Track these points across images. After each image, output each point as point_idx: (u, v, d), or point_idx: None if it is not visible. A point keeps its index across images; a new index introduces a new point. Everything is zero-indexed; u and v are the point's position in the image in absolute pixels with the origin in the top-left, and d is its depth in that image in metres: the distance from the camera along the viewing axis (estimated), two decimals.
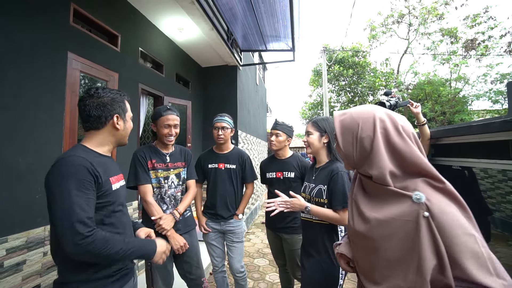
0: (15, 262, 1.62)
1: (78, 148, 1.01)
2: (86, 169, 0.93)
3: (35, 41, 1.81)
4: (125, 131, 1.13)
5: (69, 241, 0.84)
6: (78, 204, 0.87)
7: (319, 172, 1.54)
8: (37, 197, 1.77)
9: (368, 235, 0.75)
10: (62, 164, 0.92)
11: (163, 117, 1.68)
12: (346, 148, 0.79)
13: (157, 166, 1.72)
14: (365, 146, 0.75)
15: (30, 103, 1.77)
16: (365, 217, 0.77)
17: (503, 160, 1.41)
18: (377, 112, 0.77)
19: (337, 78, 16.82)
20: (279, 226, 1.98)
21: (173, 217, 1.67)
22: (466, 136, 1.73)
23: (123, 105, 1.11)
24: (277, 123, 2.04)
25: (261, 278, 3.01)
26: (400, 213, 0.69)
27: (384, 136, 0.73)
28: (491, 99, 11.98)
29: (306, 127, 1.61)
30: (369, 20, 16.90)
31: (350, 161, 0.81)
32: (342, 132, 0.80)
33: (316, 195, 1.46)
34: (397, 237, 0.69)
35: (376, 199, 0.77)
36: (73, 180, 0.89)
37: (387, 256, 0.71)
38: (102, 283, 0.97)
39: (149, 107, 4.52)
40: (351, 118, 0.79)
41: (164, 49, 3.61)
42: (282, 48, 4.72)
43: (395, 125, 0.74)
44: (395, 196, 0.71)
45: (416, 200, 0.66)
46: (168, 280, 1.73)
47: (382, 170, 0.71)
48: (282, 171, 2.02)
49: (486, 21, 12.89)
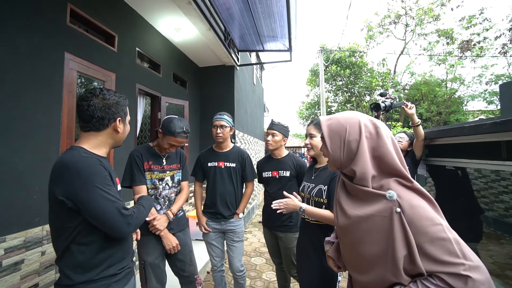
0: (14, 261, 1.63)
1: (80, 150, 0.99)
2: (102, 167, 0.99)
3: (32, 42, 1.81)
4: (124, 134, 1.14)
5: (123, 225, 0.97)
6: (112, 195, 0.97)
7: (319, 172, 1.55)
8: (35, 197, 1.78)
9: (350, 230, 0.83)
10: (81, 168, 0.93)
11: (173, 138, 1.67)
12: (334, 150, 0.85)
13: (153, 167, 1.73)
14: (352, 148, 0.82)
15: (28, 103, 1.77)
16: (347, 214, 0.84)
17: (495, 161, 1.44)
18: (361, 117, 0.85)
19: (334, 78, 16.89)
20: (275, 225, 2.01)
21: (167, 218, 1.70)
22: (459, 137, 1.77)
23: (125, 109, 1.13)
24: (273, 123, 2.06)
25: (258, 276, 3.03)
26: (377, 210, 0.77)
27: (368, 139, 0.81)
28: (486, 100, 12.13)
29: (308, 129, 1.60)
30: (366, 21, 17.01)
31: (336, 162, 0.87)
32: (330, 136, 0.86)
33: (316, 194, 1.48)
34: (375, 231, 0.77)
35: (356, 198, 0.85)
36: (99, 178, 0.95)
37: (368, 248, 0.78)
38: (106, 283, 0.99)
39: (146, 107, 4.52)
40: (338, 123, 0.86)
41: (161, 49, 3.62)
42: (279, 48, 4.74)
43: (376, 130, 0.82)
44: (372, 196, 0.79)
45: (389, 198, 0.75)
46: (162, 278, 1.75)
47: (365, 170, 0.79)
48: (278, 170, 2.05)
49: (482, 22, 13.05)
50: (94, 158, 0.99)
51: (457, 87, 13.54)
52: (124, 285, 1.06)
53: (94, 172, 0.94)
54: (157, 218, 1.66)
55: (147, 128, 4.97)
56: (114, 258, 1.02)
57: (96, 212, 0.93)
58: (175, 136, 1.66)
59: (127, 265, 1.10)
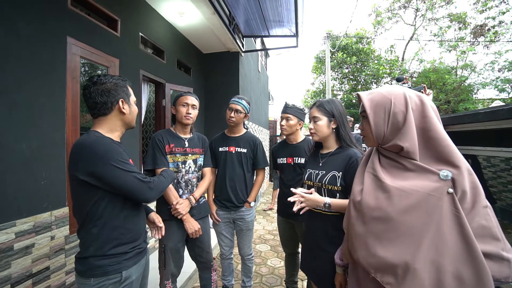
0: (25, 245, 1.67)
1: (94, 133, 1.06)
2: (117, 146, 1.06)
3: (33, 25, 1.76)
4: (131, 115, 1.18)
5: (145, 190, 1.07)
6: (129, 167, 1.04)
7: (328, 158, 1.42)
8: (43, 183, 1.79)
9: (382, 206, 0.78)
10: (96, 146, 1.00)
11: (182, 97, 1.75)
12: (377, 123, 0.83)
13: (175, 150, 1.73)
14: (398, 120, 0.79)
15: (32, 89, 1.75)
16: (384, 186, 0.79)
17: (510, 148, 1.39)
18: (405, 90, 0.82)
19: (340, 65, 16.50)
20: (292, 213, 1.94)
21: (189, 202, 1.70)
22: (472, 124, 1.71)
23: (126, 89, 1.16)
24: (287, 106, 1.92)
25: (263, 263, 3.08)
26: (424, 186, 0.72)
27: (415, 111, 0.78)
28: (498, 88, 11.75)
29: (311, 112, 1.45)
30: (374, 5, 16.38)
31: (378, 137, 0.84)
32: (374, 109, 0.83)
33: (329, 182, 1.34)
34: (415, 209, 0.72)
35: (398, 172, 0.81)
36: (114, 154, 1.01)
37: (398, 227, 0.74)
38: (117, 260, 1.05)
39: (151, 94, 4.49)
40: (382, 95, 0.83)
41: (165, 35, 3.54)
42: (285, 34, 4.61)
43: (422, 101, 0.79)
44: (420, 171, 0.75)
45: (443, 177, 0.71)
46: (180, 263, 1.79)
47: (414, 142, 0.76)
48: (293, 157, 1.94)
49: (498, 5, 12.43)
50: (109, 139, 1.06)
51: (467, 74, 13.12)
52: (134, 263, 1.11)
53: (110, 149, 1.01)
54: (180, 202, 1.66)
55: (151, 116, 4.96)
56: (126, 238, 1.09)
57: (118, 185, 1.01)
58: (183, 95, 1.75)
59: (138, 245, 1.15)
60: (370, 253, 0.80)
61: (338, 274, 1.20)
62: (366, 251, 0.81)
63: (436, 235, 0.69)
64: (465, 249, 0.66)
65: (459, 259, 0.67)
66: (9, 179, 1.60)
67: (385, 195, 0.78)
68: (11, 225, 1.59)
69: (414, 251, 0.70)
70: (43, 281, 1.78)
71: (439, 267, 0.68)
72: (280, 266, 2.96)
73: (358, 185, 0.90)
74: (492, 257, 0.66)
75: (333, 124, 1.41)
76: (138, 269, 1.14)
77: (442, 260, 0.67)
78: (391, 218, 0.75)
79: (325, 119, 1.40)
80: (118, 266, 1.05)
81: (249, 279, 2.19)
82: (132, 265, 1.10)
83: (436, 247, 0.69)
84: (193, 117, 1.77)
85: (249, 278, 2.19)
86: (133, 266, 1.10)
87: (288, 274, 2.23)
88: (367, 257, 0.81)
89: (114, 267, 1.04)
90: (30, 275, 1.70)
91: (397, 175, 0.80)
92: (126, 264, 1.07)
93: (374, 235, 0.80)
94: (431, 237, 0.69)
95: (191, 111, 1.74)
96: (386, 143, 0.83)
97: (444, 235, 0.68)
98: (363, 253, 0.82)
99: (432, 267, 0.69)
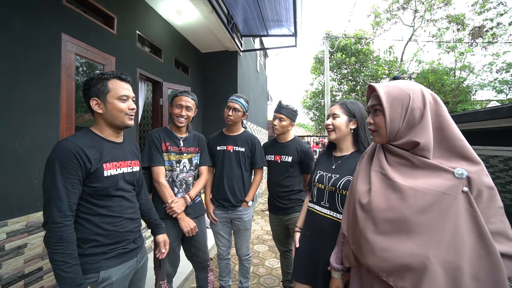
0: (16, 245, 1.63)
1: (80, 132, 1.08)
2: (72, 154, 0.98)
3: (27, 21, 1.73)
4: (110, 113, 1.09)
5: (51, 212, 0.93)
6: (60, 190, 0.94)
7: (343, 161, 1.33)
8: (36, 182, 1.76)
9: (395, 207, 0.75)
10: (54, 149, 0.99)
11: (177, 97, 1.72)
12: (393, 119, 0.79)
13: (170, 149, 1.72)
14: (415, 117, 0.76)
15: (25, 85, 1.72)
16: (395, 186, 0.76)
17: (510, 147, 1.38)
18: (420, 86, 0.80)
19: (339, 66, 16.52)
20: (281, 208, 1.97)
21: (184, 201, 1.68)
22: (471, 123, 1.70)
23: (101, 86, 1.07)
24: (281, 106, 1.93)
25: (261, 263, 3.05)
26: (438, 185, 0.70)
27: (431, 109, 0.76)
28: (496, 89, 11.79)
29: (331, 109, 1.39)
30: (373, 6, 16.43)
31: (392, 132, 0.80)
32: (391, 103, 0.79)
33: (343, 186, 1.25)
34: (431, 209, 0.69)
35: (407, 170, 0.78)
36: (58, 165, 0.95)
37: (415, 228, 0.71)
38: (96, 259, 1.03)
39: (148, 93, 4.46)
40: (400, 90, 0.79)
41: (162, 33, 3.51)
42: (284, 33, 4.59)
43: (435, 100, 0.78)
44: (433, 169, 0.73)
45: (458, 176, 0.68)
46: (175, 263, 1.77)
47: (430, 138, 0.74)
48: (280, 155, 1.99)
49: (496, 7, 12.50)
50: (72, 143, 0.99)
51: (466, 75, 13.16)
52: (117, 264, 1.07)
53: (58, 157, 0.96)
54: (175, 201, 1.65)
55: (149, 115, 4.93)
56: (105, 238, 1.05)
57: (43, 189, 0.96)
58: (178, 95, 1.72)
59: (122, 246, 1.11)
60: (382, 256, 0.76)
61: (335, 279, 1.10)
62: (377, 254, 0.77)
63: (454, 235, 0.66)
64: (483, 249, 0.64)
65: (476, 260, 0.65)
66: (0, 177, 1.56)
67: (398, 195, 0.74)
68: (2, 225, 1.56)
69: (432, 252, 0.68)
70: (36, 282, 1.75)
71: (457, 268, 0.65)
72: (278, 267, 2.93)
73: (364, 185, 0.86)
74: (507, 257, 0.65)
75: (353, 125, 1.35)
76: (122, 270, 1.09)
77: (460, 260, 0.65)
78: (406, 219, 0.72)
79: (345, 118, 1.34)
80: (97, 265, 1.02)
81: (246, 280, 2.16)
82: (114, 266, 1.06)
83: (454, 248, 0.66)
84: (188, 119, 1.75)
85: (247, 278, 2.16)
86: (115, 266, 1.06)
87: (284, 274, 2.23)
88: (378, 261, 0.77)
89: (93, 266, 1.01)
90: (22, 276, 1.66)
91: (407, 174, 0.77)
92: (105, 264, 1.04)
93: (387, 238, 0.75)
94: (448, 238, 0.67)
95: (184, 113, 1.71)
96: (398, 140, 0.79)
97: (462, 235, 0.65)
98: (374, 257, 0.78)
99: (450, 268, 0.66)
